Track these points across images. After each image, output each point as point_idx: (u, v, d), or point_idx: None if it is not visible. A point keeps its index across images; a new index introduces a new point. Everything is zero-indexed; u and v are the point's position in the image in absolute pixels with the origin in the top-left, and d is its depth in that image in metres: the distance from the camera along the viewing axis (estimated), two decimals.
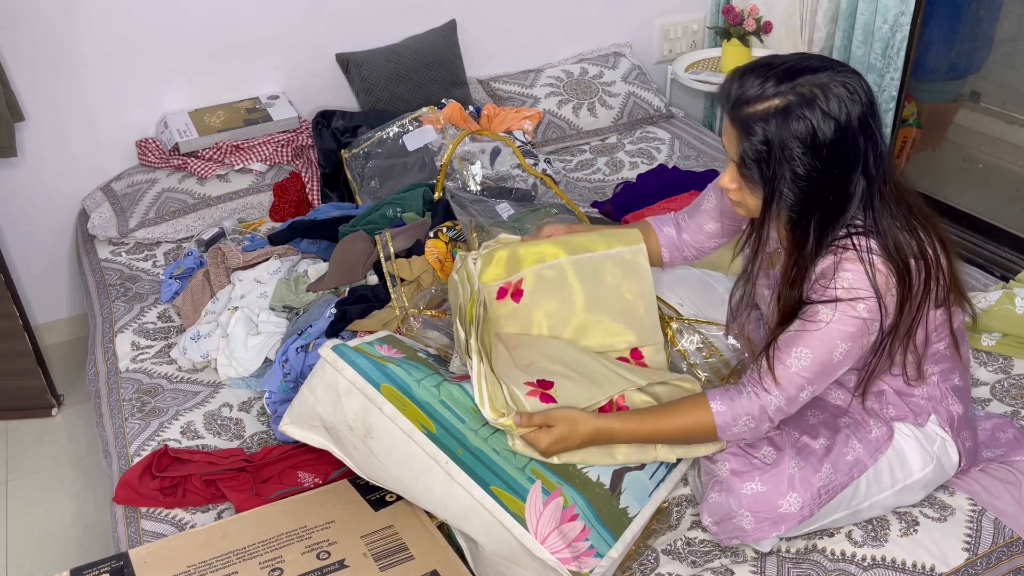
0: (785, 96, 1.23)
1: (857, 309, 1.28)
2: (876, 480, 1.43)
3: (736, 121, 1.28)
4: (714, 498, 1.41)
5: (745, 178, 1.32)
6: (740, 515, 1.37)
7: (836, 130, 1.22)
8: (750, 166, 1.28)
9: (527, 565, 1.32)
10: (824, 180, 1.25)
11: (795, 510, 1.36)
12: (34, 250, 2.68)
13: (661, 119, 3.03)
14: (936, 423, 1.46)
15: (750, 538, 1.39)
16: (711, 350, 1.70)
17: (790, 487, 1.37)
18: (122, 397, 1.91)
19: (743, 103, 1.26)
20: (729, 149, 1.32)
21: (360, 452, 1.40)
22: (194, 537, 1.40)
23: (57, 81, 2.49)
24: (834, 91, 1.22)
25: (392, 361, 1.45)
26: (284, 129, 2.66)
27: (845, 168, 1.25)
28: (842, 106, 1.22)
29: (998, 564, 1.45)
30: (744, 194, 1.35)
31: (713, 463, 1.43)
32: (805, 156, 1.23)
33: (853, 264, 1.28)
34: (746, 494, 1.37)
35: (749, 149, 1.27)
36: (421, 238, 2.03)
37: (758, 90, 1.25)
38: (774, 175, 1.26)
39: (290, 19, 2.69)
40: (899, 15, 2.65)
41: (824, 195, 1.27)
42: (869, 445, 1.42)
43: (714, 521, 1.41)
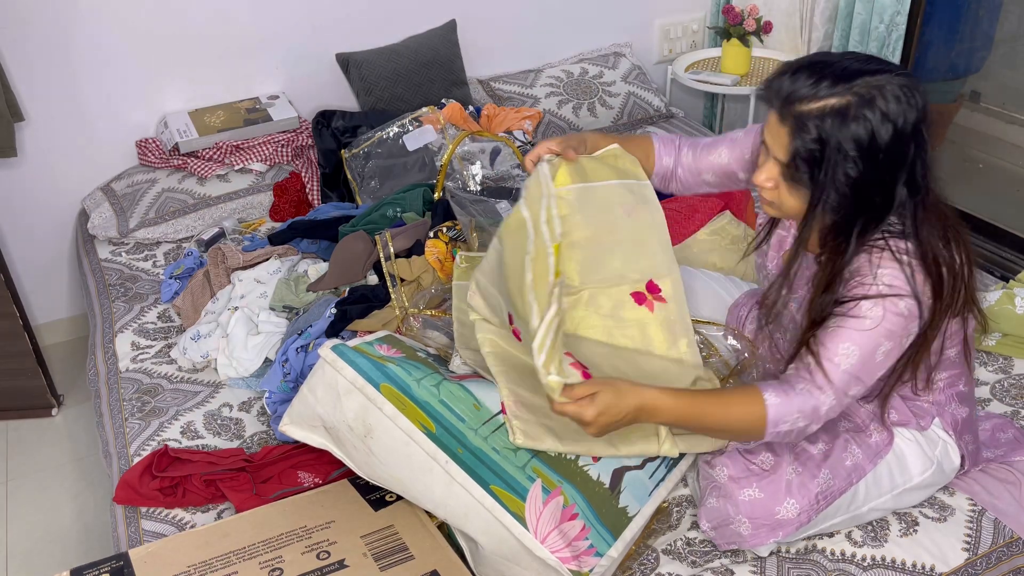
0: (843, 96, 1.19)
1: (899, 306, 1.25)
2: (875, 485, 1.43)
3: (787, 118, 1.23)
4: (712, 503, 1.41)
5: (790, 178, 1.27)
6: (738, 521, 1.37)
7: (892, 134, 1.19)
8: (800, 166, 1.24)
9: (527, 565, 1.32)
10: (874, 184, 1.22)
11: (793, 516, 1.36)
12: (34, 250, 2.68)
13: (661, 119, 3.03)
14: (940, 426, 1.46)
15: (748, 544, 1.39)
16: (711, 350, 1.70)
17: (788, 493, 1.36)
18: (122, 397, 1.91)
19: (796, 100, 1.22)
20: (774, 146, 1.27)
21: (360, 452, 1.40)
22: (194, 537, 1.40)
23: (57, 81, 2.49)
24: (892, 94, 1.19)
25: (392, 361, 1.45)
26: (284, 129, 2.66)
27: (894, 173, 1.23)
28: (900, 110, 1.19)
29: (998, 564, 1.45)
30: (782, 194, 1.31)
31: (711, 468, 1.43)
32: (860, 159, 1.20)
33: (891, 263, 1.25)
34: (744, 500, 1.37)
35: (802, 148, 1.22)
36: (421, 238, 2.03)
37: (812, 88, 1.21)
38: (824, 176, 1.22)
39: (290, 19, 2.69)
40: (895, 15, 2.65)
41: (871, 199, 1.24)
42: (868, 450, 1.42)
43: (712, 526, 1.41)
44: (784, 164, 1.26)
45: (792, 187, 1.28)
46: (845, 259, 1.28)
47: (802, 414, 1.29)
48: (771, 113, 1.27)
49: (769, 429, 1.29)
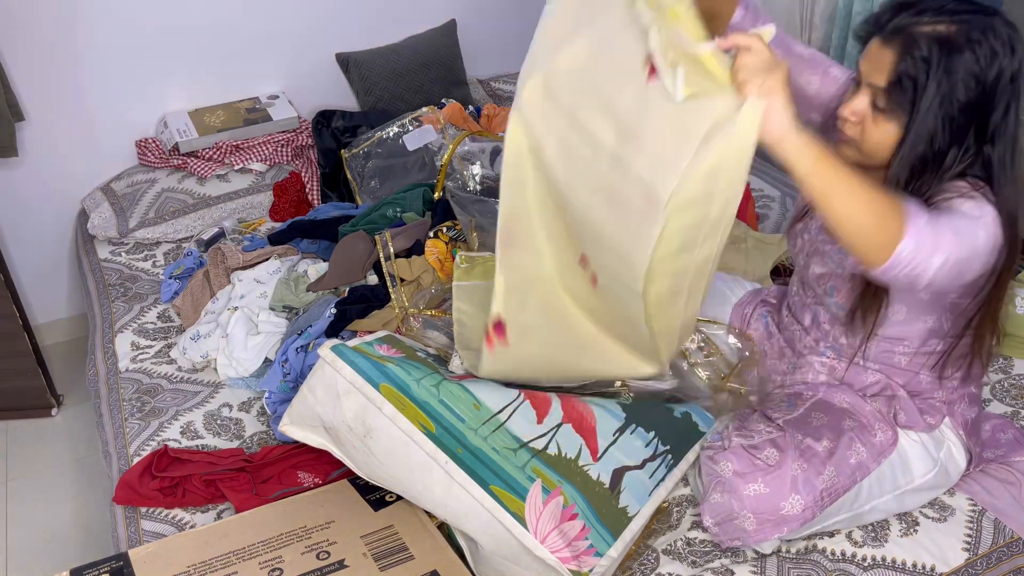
0: (955, 24, 1.18)
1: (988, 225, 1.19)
2: (878, 484, 1.42)
3: (894, 39, 1.20)
4: (716, 499, 1.40)
5: (884, 105, 1.23)
6: (742, 516, 1.37)
7: (997, 71, 1.18)
8: (906, 86, 1.19)
9: (527, 565, 1.32)
10: (968, 121, 1.20)
11: (797, 512, 1.36)
12: (34, 250, 2.68)
13: None
14: (949, 426, 1.47)
15: (752, 540, 1.38)
16: (712, 348, 1.70)
17: (793, 489, 1.36)
18: (122, 397, 1.91)
19: (907, 23, 1.20)
20: (872, 73, 1.23)
21: (360, 452, 1.40)
22: (194, 537, 1.40)
23: (57, 81, 2.49)
24: (1002, 34, 1.18)
25: (391, 361, 1.45)
26: (284, 129, 2.66)
27: (987, 116, 1.21)
28: (1005, 50, 1.18)
29: (998, 564, 1.45)
30: (866, 128, 1.26)
31: (715, 464, 1.42)
32: (965, 87, 1.17)
33: (978, 196, 1.21)
34: (748, 495, 1.36)
35: (910, 66, 1.18)
36: (421, 238, 2.03)
37: (919, 16, 1.20)
38: (928, 100, 1.18)
39: (290, 19, 2.69)
40: None
41: (962, 137, 1.21)
42: (873, 449, 1.42)
43: (715, 522, 1.41)
44: (882, 89, 1.22)
45: (881, 119, 1.25)
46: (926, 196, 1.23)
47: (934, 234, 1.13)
48: (873, 42, 1.24)
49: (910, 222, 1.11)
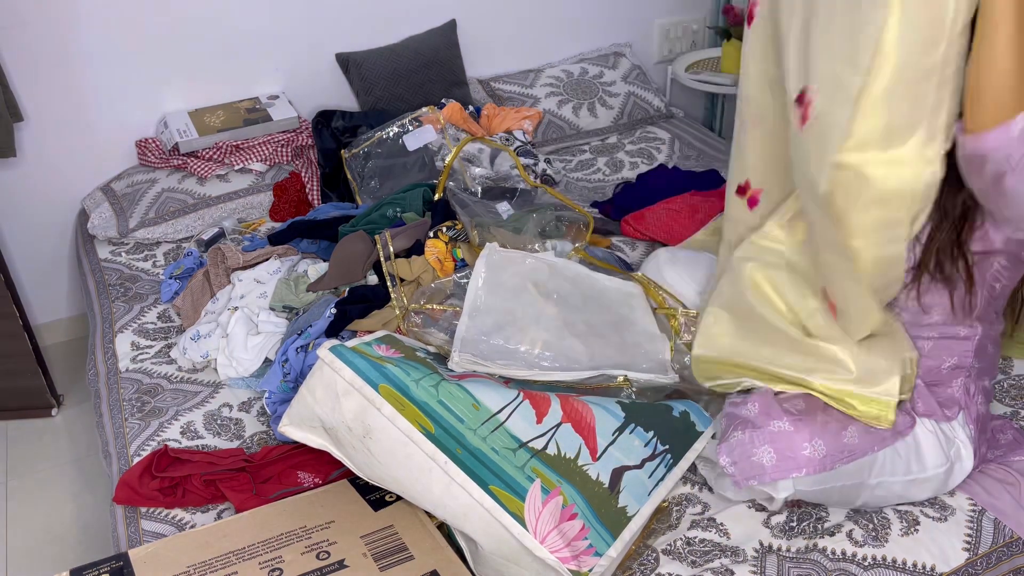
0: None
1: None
2: (892, 462, 1.43)
3: None
4: (737, 436, 1.39)
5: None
6: (762, 451, 1.36)
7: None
8: None
9: (527, 564, 1.32)
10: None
11: (819, 456, 1.35)
12: (34, 250, 2.68)
13: (661, 119, 3.03)
14: (962, 421, 1.47)
15: (768, 476, 1.37)
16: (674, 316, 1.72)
17: (816, 434, 1.36)
18: (122, 397, 1.91)
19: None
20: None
21: (359, 453, 1.40)
22: (194, 537, 1.40)
23: (57, 81, 2.49)
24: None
25: (390, 361, 1.45)
26: (284, 129, 2.66)
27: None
28: None
29: (998, 564, 1.45)
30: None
31: (737, 407, 1.43)
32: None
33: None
34: (772, 430, 1.36)
35: None
36: (421, 238, 2.03)
37: None
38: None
39: (290, 19, 2.69)
40: None
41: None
42: (891, 428, 1.43)
43: (732, 460, 1.39)
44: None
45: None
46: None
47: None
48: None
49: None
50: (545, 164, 2.60)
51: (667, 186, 2.44)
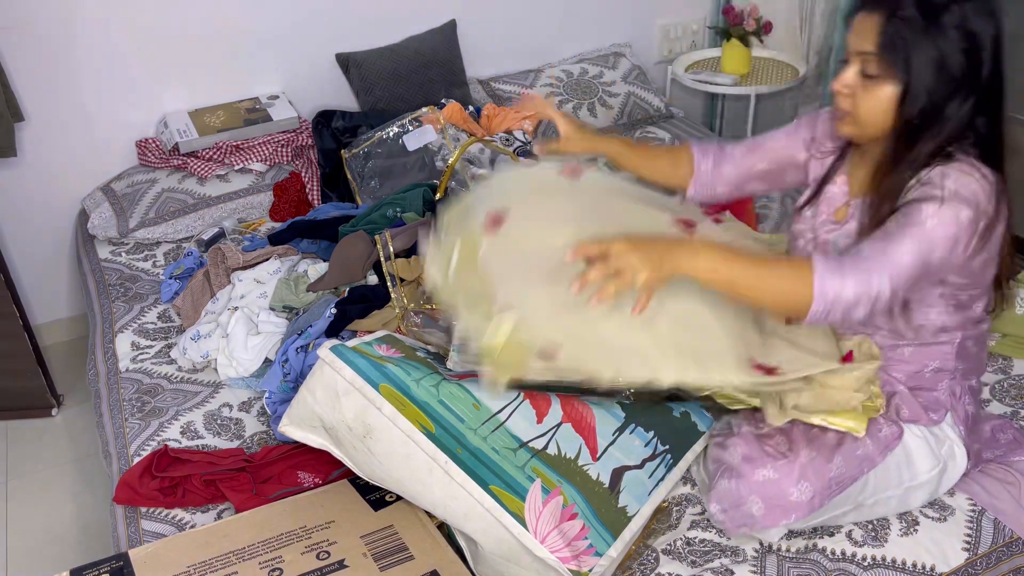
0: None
1: (960, 215, 1.24)
2: (884, 478, 1.43)
3: (880, 3, 1.25)
4: (724, 485, 1.39)
5: (873, 72, 1.27)
6: (750, 501, 1.36)
7: (982, 25, 1.22)
8: (896, 44, 1.23)
9: (527, 564, 1.32)
10: (963, 75, 1.24)
11: (806, 499, 1.35)
12: (34, 250, 2.68)
13: (661, 119, 3.03)
14: (951, 422, 1.47)
15: (759, 525, 1.37)
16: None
17: (802, 476, 1.36)
18: (122, 397, 1.91)
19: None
20: (860, 42, 1.28)
21: (359, 452, 1.40)
22: (194, 537, 1.40)
23: (57, 81, 2.49)
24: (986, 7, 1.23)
25: (391, 361, 1.45)
26: (284, 129, 2.66)
27: (978, 70, 1.24)
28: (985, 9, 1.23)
29: (998, 564, 1.45)
30: (858, 98, 1.31)
31: (724, 450, 1.42)
32: (956, 40, 1.21)
33: (963, 172, 1.25)
34: (757, 480, 1.36)
35: (898, 27, 1.23)
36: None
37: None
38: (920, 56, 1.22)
39: (290, 19, 2.69)
40: None
41: (957, 92, 1.25)
42: (878, 443, 1.42)
43: (722, 509, 1.40)
44: (872, 54, 1.26)
45: (872, 85, 1.28)
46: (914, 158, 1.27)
47: (856, 284, 1.20)
48: (857, 15, 1.29)
49: (816, 290, 1.20)
50: None
51: None
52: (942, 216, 1.23)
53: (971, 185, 1.25)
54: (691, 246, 1.22)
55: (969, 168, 1.26)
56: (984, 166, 1.27)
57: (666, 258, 1.19)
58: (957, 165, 1.27)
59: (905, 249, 1.23)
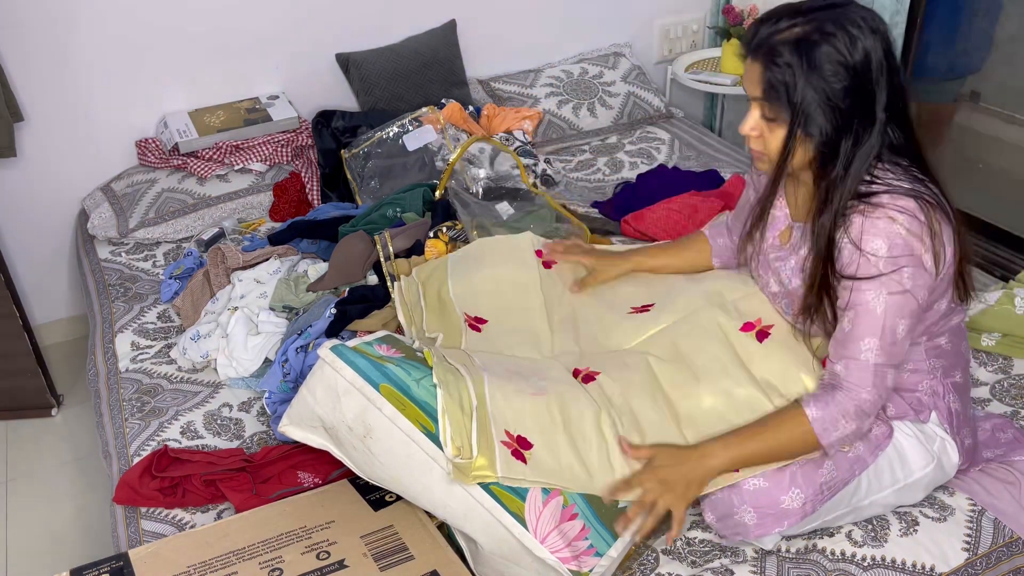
0: (809, 23, 1.26)
1: (902, 281, 1.28)
2: (877, 478, 1.43)
3: (760, 52, 1.29)
4: (716, 494, 1.41)
5: (770, 115, 1.31)
6: (742, 511, 1.37)
7: (863, 54, 1.25)
8: (779, 89, 1.27)
9: (527, 565, 1.32)
10: (852, 101, 1.26)
11: (797, 506, 1.36)
12: (34, 250, 2.68)
13: (661, 119, 3.03)
14: (936, 421, 1.47)
15: (752, 534, 1.38)
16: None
17: (792, 483, 1.36)
18: (122, 397, 1.91)
19: (763, 37, 1.29)
20: (751, 88, 1.32)
21: (359, 452, 1.40)
22: (194, 537, 1.40)
23: (57, 81, 2.49)
24: (856, 18, 1.26)
25: (391, 361, 1.45)
26: (284, 129, 2.66)
27: (870, 96, 1.27)
28: (864, 33, 1.25)
29: (998, 564, 1.45)
30: (766, 139, 1.34)
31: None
32: (833, 75, 1.25)
33: (881, 231, 1.27)
34: (748, 490, 1.36)
35: (776, 73, 1.27)
36: (421, 238, 2.03)
37: (775, 25, 1.28)
38: (802, 98, 1.26)
39: (290, 19, 2.69)
40: (894, 14, 2.66)
41: (851, 122, 1.28)
42: (869, 443, 1.42)
43: (716, 518, 1.41)
44: (761, 100, 1.30)
45: (773, 126, 1.32)
46: (845, 186, 1.29)
47: (846, 417, 1.34)
48: (745, 60, 1.33)
49: (823, 441, 1.34)
50: (545, 164, 2.60)
51: (667, 186, 2.44)
52: (887, 295, 1.28)
53: (898, 239, 1.27)
54: (703, 458, 1.36)
55: (895, 212, 1.27)
56: (905, 198, 1.28)
57: (692, 484, 1.35)
58: (878, 219, 1.28)
59: (872, 347, 1.31)
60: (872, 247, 1.28)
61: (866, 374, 1.32)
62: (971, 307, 1.93)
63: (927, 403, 1.46)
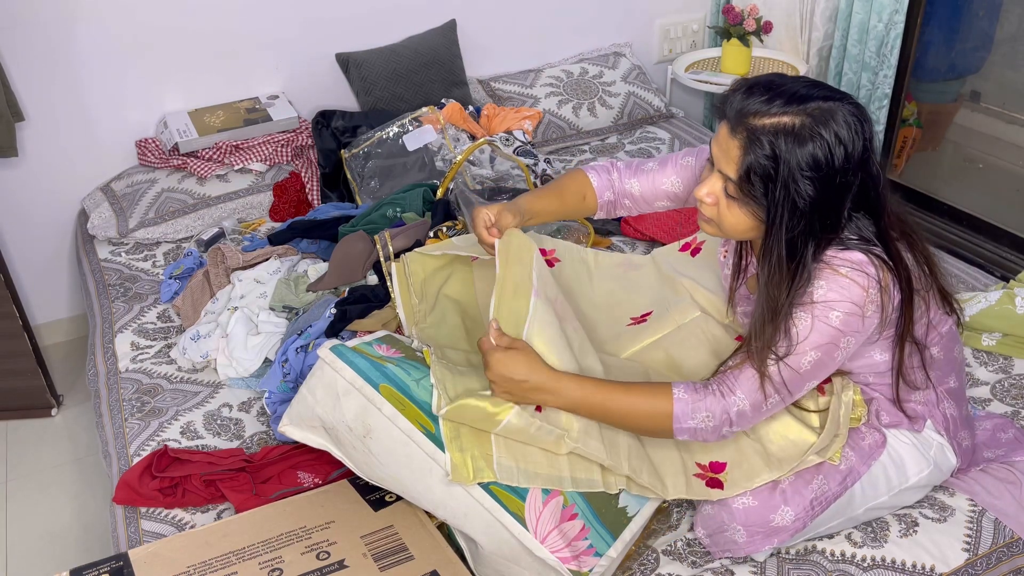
0: (796, 116, 1.19)
1: (829, 318, 1.25)
2: (871, 487, 1.42)
3: (739, 131, 1.22)
4: (708, 510, 1.41)
5: (738, 194, 1.24)
6: (732, 529, 1.37)
7: (844, 157, 1.19)
8: (754, 181, 1.21)
9: (527, 564, 1.32)
10: (826, 205, 1.21)
11: (788, 523, 1.36)
12: (34, 250, 2.68)
13: (661, 119, 3.03)
14: (932, 428, 1.46)
15: (743, 551, 1.38)
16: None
17: (782, 500, 1.36)
18: (122, 397, 1.91)
19: (749, 113, 1.21)
20: (722, 161, 1.25)
21: (359, 452, 1.40)
22: (194, 537, 1.40)
23: (57, 81, 2.49)
24: (844, 119, 1.19)
25: (391, 361, 1.45)
26: (284, 129, 2.66)
27: (844, 195, 1.22)
28: (850, 136, 1.19)
29: (998, 564, 1.45)
30: (722, 211, 1.28)
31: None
32: (815, 179, 1.19)
33: (827, 276, 1.24)
34: (738, 508, 1.37)
35: (755, 163, 1.20)
36: (421, 238, 2.03)
37: (766, 105, 1.20)
38: (780, 194, 1.20)
39: (290, 19, 2.69)
40: (894, 14, 2.66)
41: (824, 220, 1.23)
42: (862, 453, 1.42)
43: (707, 533, 1.42)
44: (734, 181, 1.24)
45: (736, 205, 1.26)
46: (804, 277, 1.25)
47: (710, 414, 1.30)
48: (722, 125, 1.26)
49: (675, 424, 1.31)
50: (545, 164, 2.60)
51: None
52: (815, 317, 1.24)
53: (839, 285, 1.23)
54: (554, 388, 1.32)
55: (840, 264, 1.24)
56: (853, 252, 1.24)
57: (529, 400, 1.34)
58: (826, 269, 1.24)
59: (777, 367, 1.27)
60: (812, 287, 1.25)
61: (752, 384, 1.28)
62: (971, 308, 1.93)
63: (921, 412, 1.45)
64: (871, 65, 2.76)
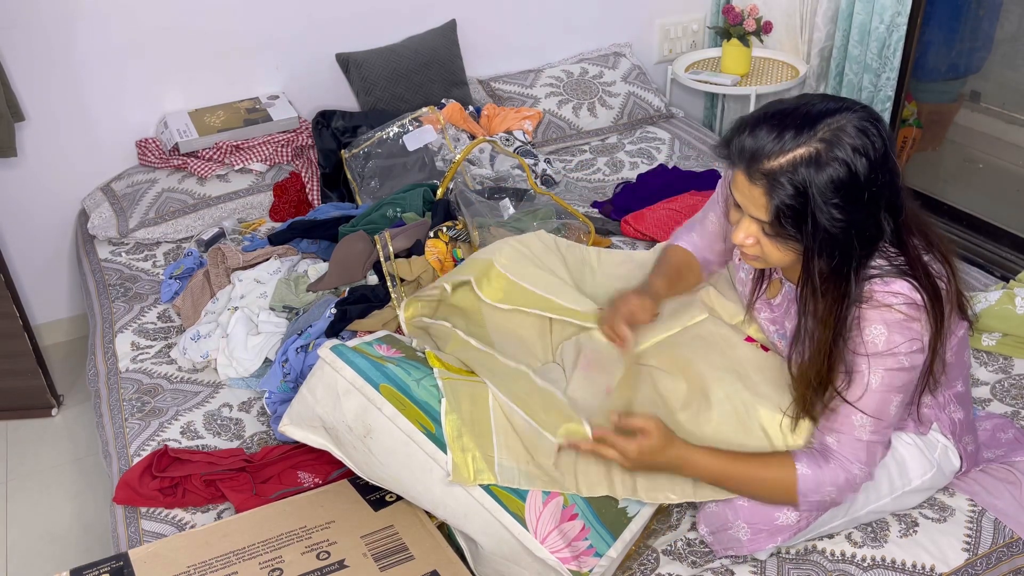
0: (809, 144, 1.16)
1: (899, 360, 1.25)
2: (874, 489, 1.42)
3: (757, 177, 1.18)
4: (711, 508, 1.41)
5: (774, 235, 1.23)
6: (736, 526, 1.37)
7: (868, 167, 1.16)
8: (784, 222, 1.19)
9: (527, 565, 1.32)
10: (863, 219, 1.19)
11: (792, 522, 1.36)
12: (34, 250, 2.68)
13: (661, 119, 3.03)
14: (938, 430, 1.46)
15: (745, 549, 1.39)
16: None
17: None
18: (122, 397, 1.91)
19: (763, 156, 1.17)
20: (750, 207, 1.22)
21: (360, 452, 1.40)
22: (194, 537, 1.40)
23: (57, 81, 2.49)
24: (856, 129, 1.16)
25: (391, 361, 1.45)
26: (284, 129, 2.66)
27: (878, 203, 1.19)
28: (867, 143, 1.16)
29: (998, 564, 1.45)
30: (765, 248, 1.26)
31: None
32: (844, 200, 1.16)
33: (877, 319, 1.23)
34: (743, 506, 1.37)
35: (782, 204, 1.17)
36: (421, 238, 2.03)
37: (777, 142, 1.17)
38: (813, 226, 1.17)
39: (290, 19, 2.69)
40: (895, 15, 2.65)
41: (863, 234, 1.20)
42: None
43: (710, 531, 1.42)
44: (766, 223, 1.22)
45: (776, 241, 1.24)
46: (851, 299, 1.24)
47: (835, 487, 1.32)
48: (737, 173, 1.23)
49: (800, 499, 1.33)
50: (545, 164, 2.60)
51: (667, 186, 2.44)
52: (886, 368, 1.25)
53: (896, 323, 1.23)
54: (683, 461, 1.35)
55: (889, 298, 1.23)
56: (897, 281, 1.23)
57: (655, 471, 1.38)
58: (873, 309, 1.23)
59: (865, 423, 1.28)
60: (871, 334, 1.24)
61: (859, 450, 1.30)
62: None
63: (929, 416, 1.45)
64: (873, 67, 2.76)
